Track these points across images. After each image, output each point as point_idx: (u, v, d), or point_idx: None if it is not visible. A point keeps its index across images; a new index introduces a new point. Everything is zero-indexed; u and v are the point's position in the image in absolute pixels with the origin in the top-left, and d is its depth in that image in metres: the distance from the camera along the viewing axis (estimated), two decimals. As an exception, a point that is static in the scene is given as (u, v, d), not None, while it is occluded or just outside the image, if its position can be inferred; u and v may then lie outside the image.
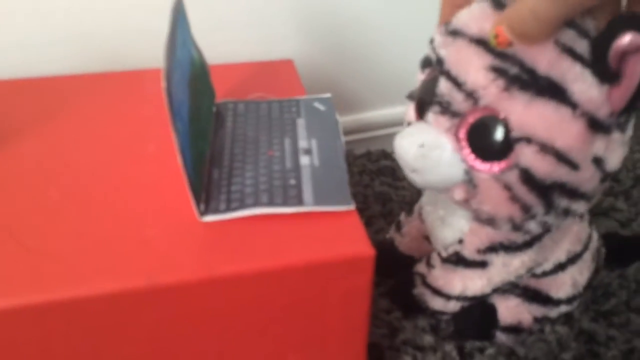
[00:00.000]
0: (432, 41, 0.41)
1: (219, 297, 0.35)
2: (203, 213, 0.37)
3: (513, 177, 0.36)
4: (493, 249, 0.44)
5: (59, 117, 0.47)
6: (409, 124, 0.41)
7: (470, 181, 0.38)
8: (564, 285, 0.48)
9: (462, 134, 0.37)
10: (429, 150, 0.37)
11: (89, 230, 0.36)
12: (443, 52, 0.38)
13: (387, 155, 0.75)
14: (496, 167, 0.36)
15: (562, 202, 0.37)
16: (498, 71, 0.34)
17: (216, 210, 0.38)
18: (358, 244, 0.36)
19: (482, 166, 0.36)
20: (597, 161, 0.35)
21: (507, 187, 0.36)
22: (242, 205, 0.38)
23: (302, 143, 0.44)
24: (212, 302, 0.35)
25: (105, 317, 0.33)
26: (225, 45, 0.58)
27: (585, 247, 0.48)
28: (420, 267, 0.51)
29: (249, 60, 0.57)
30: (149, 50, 0.56)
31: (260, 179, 0.40)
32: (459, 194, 0.39)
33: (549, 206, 0.37)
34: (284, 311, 0.37)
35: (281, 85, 0.53)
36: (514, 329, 0.50)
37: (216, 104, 0.49)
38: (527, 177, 0.35)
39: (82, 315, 0.33)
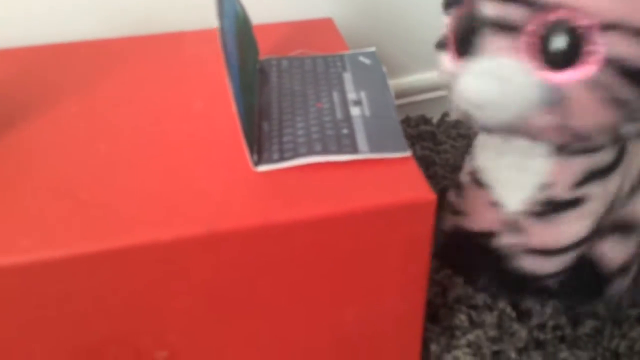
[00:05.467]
0: None
1: (276, 245, 0.34)
2: (257, 163, 0.36)
3: (607, 75, 0.32)
4: (587, 179, 0.41)
5: (102, 79, 0.46)
6: (452, 74, 0.39)
7: (555, 99, 0.34)
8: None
9: (531, 47, 0.33)
10: (502, 77, 0.34)
11: (142, 183, 0.35)
12: None
13: (427, 121, 0.73)
14: (584, 70, 0.33)
15: None
16: None
17: (270, 160, 0.37)
18: (418, 189, 0.35)
19: (566, 76, 0.33)
20: None
21: (603, 89, 0.33)
22: (296, 154, 0.37)
23: (351, 95, 0.43)
24: (269, 250, 0.34)
25: (164, 266, 0.33)
26: (262, 5, 0.57)
27: None
28: (508, 239, 0.46)
29: (288, 20, 0.56)
30: (187, 13, 0.56)
31: (312, 129, 0.39)
32: (546, 118, 0.35)
33: None
34: (342, 260, 0.36)
35: (323, 42, 0.52)
36: (623, 270, 0.47)
37: (259, 61, 0.48)
38: (623, 69, 0.32)
39: (139, 264, 0.33)
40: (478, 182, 0.47)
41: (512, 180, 0.44)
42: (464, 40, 0.37)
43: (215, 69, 0.46)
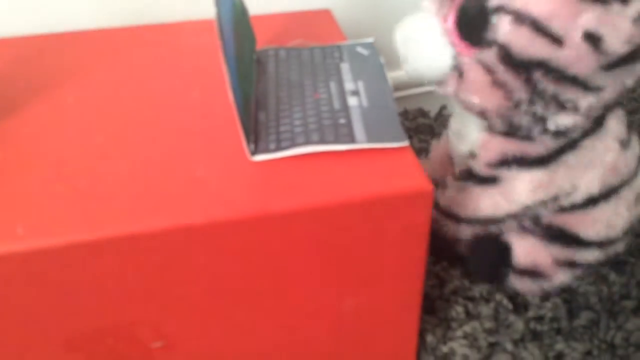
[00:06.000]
0: None
1: (273, 235, 0.34)
2: (253, 153, 0.36)
3: (492, 56, 0.33)
4: (504, 162, 0.41)
5: (100, 68, 0.46)
6: None
7: (456, 68, 0.36)
8: (596, 224, 0.42)
9: (451, 17, 0.35)
10: (413, 32, 0.37)
11: (139, 172, 0.35)
12: None
13: (425, 114, 0.73)
14: (479, 48, 0.34)
15: (548, 86, 0.34)
16: None
17: (266, 150, 0.36)
18: (415, 179, 0.35)
19: (466, 49, 0.35)
20: (590, 38, 0.31)
21: (489, 70, 0.34)
22: (293, 144, 0.37)
23: (349, 85, 0.43)
24: (266, 240, 0.34)
25: (160, 255, 0.33)
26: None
27: (624, 182, 0.42)
28: (439, 194, 0.47)
29: (286, 11, 0.56)
30: (185, 3, 0.56)
31: (309, 120, 0.39)
32: (450, 84, 0.37)
33: (532, 89, 0.34)
34: (339, 250, 0.36)
35: (321, 33, 0.51)
36: (530, 273, 0.46)
37: (256, 51, 0.48)
38: (505, 54, 0.33)
39: (135, 253, 0.32)
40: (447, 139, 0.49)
41: (456, 144, 0.45)
42: None
43: (212, 59, 0.46)
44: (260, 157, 0.36)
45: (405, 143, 0.37)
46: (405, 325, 0.41)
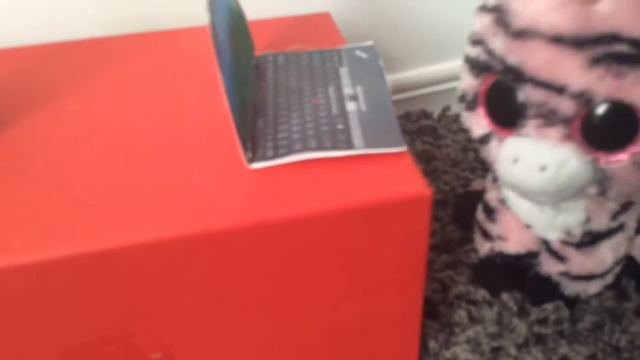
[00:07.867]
0: (478, 42, 0.38)
1: (271, 243, 0.34)
2: (251, 160, 0.36)
3: None
4: (624, 209, 0.43)
5: (98, 77, 0.46)
6: (486, 136, 0.40)
7: (604, 177, 0.36)
8: None
9: (581, 136, 0.34)
10: (557, 170, 0.35)
11: (137, 181, 0.35)
12: (515, 59, 0.35)
13: (428, 115, 0.73)
14: (632, 150, 0.34)
15: None
16: (601, 60, 0.32)
17: (264, 157, 0.36)
18: (414, 184, 0.34)
19: (615, 157, 0.34)
20: None
21: None
22: (290, 151, 0.36)
23: (347, 90, 0.42)
24: (265, 249, 0.34)
25: (158, 265, 0.33)
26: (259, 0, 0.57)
27: None
28: (554, 267, 0.46)
29: (285, 15, 0.55)
30: (182, 11, 0.56)
31: (307, 126, 0.39)
32: (592, 192, 0.37)
33: None
34: (338, 257, 0.36)
35: (320, 37, 0.51)
36: None
37: (255, 57, 0.47)
38: None
39: (134, 264, 0.32)
40: (505, 210, 0.46)
41: (552, 218, 0.43)
42: (500, 116, 0.38)
43: (211, 66, 0.46)
44: (257, 165, 0.36)
45: (403, 148, 0.36)
46: (406, 332, 0.41)
